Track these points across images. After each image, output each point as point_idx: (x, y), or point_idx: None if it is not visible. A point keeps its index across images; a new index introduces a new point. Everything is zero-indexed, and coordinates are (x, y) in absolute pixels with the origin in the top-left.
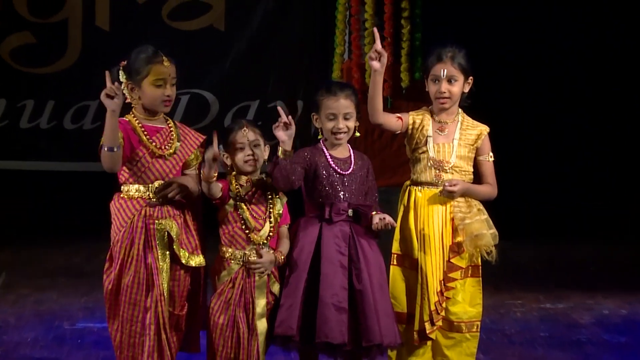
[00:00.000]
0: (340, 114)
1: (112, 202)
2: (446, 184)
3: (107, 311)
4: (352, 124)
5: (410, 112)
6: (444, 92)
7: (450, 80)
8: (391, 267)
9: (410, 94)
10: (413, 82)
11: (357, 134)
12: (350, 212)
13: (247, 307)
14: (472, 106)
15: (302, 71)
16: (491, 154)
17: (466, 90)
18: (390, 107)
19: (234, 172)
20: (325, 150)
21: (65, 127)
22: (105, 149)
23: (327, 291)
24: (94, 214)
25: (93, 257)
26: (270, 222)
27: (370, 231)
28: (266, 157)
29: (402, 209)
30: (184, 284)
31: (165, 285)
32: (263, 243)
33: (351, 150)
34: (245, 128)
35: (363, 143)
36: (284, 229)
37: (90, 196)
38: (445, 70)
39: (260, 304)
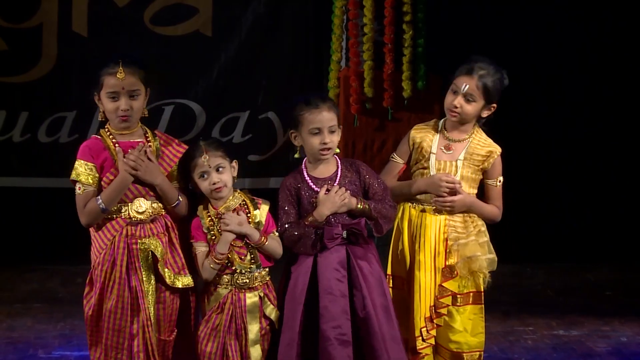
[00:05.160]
0: (325, 127)
1: None
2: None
3: (88, 338)
4: (337, 138)
5: (414, 127)
6: (456, 107)
7: (468, 98)
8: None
9: (412, 105)
10: (416, 92)
11: (337, 150)
12: (344, 234)
13: (239, 333)
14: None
15: (295, 80)
16: (501, 178)
17: (484, 115)
18: (391, 118)
19: (202, 202)
20: (305, 173)
21: (40, 141)
22: (102, 206)
23: (328, 324)
24: (71, 234)
25: (69, 281)
26: (251, 248)
27: (370, 249)
28: (235, 175)
29: (395, 226)
30: (171, 307)
31: (152, 308)
32: (250, 268)
33: (339, 163)
34: (205, 154)
35: (362, 158)
36: (273, 236)
37: (67, 215)
38: (467, 85)
39: (253, 329)
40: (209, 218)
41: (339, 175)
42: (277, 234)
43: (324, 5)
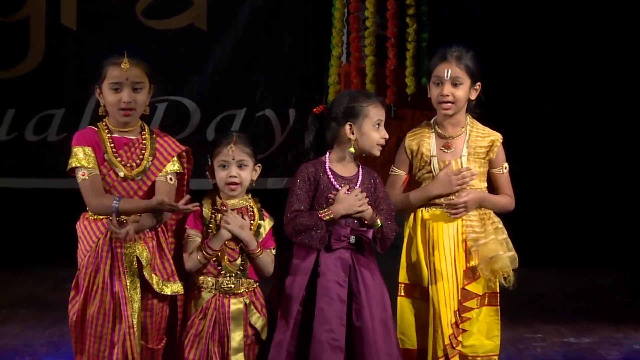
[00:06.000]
0: (382, 122)
1: (78, 222)
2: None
3: (73, 345)
4: None
5: (407, 135)
6: (447, 95)
7: (455, 82)
8: (398, 298)
9: (416, 102)
10: (419, 88)
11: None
12: (352, 238)
13: (222, 340)
14: (486, 116)
15: (294, 76)
16: (506, 164)
17: (473, 97)
18: (394, 116)
19: (209, 193)
20: (328, 166)
21: (27, 139)
22: (116, 209)
23: (321, 327)
24: (60, 236)
25: (58, 286)
26: (243, 253)
27: (373, 260)
28: (254, 179)
29: (407, 232)
30: (160, 315)
31: (136, 316)
32: (236, 274)
33: (360, 167)
34: (232, 145)
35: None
36: (269, 252)
37: (56, 216)
38: (450, 70)
39: (236, 337)
40: (212, 210)
41: (360, 179)
42: (274, 252)
43: None
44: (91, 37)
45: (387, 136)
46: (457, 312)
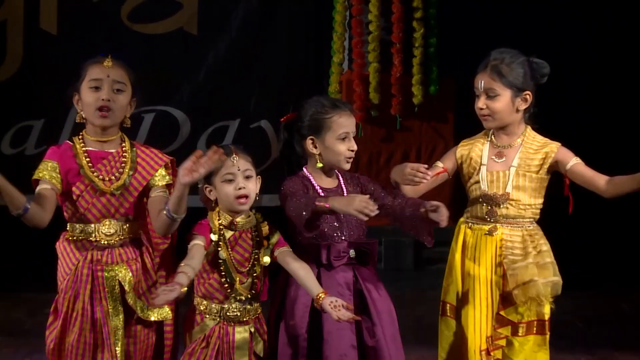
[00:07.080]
0: (352, 131)
1: (58, 242)
2: None
3: None
4: None
5: (461, 143)
6: (482, 109)
7: (489, 94)
8: (439, 317)
9: (423, 113)
10: (427, 98)
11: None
12: (352, 252)
13: None
14: None
15: (292, 84)
16: (576, 158)
17: (522, 107)
18: (400, 127)
19: (217, 209)
20: (313, 181)
21: (4, 152)
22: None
23: (333, 352)
24: (39, 257)
25: (37, 310)
26: (255, 273)
27: (376, 273)
28: (257, 192)
29: (452, 248)
30: (145, 342)
31: (120, 344)
32: (247, 298)
33: (340, 177)
34: (234, 155)
35: (367, 172)
36: (285, 250)
37: (35, 235)
38: (482, 81)
39: None
40: (221, 226)
41: (344, 188)
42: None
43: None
44: (73, 42)
45: (355, 148)
46: (490, 339)
